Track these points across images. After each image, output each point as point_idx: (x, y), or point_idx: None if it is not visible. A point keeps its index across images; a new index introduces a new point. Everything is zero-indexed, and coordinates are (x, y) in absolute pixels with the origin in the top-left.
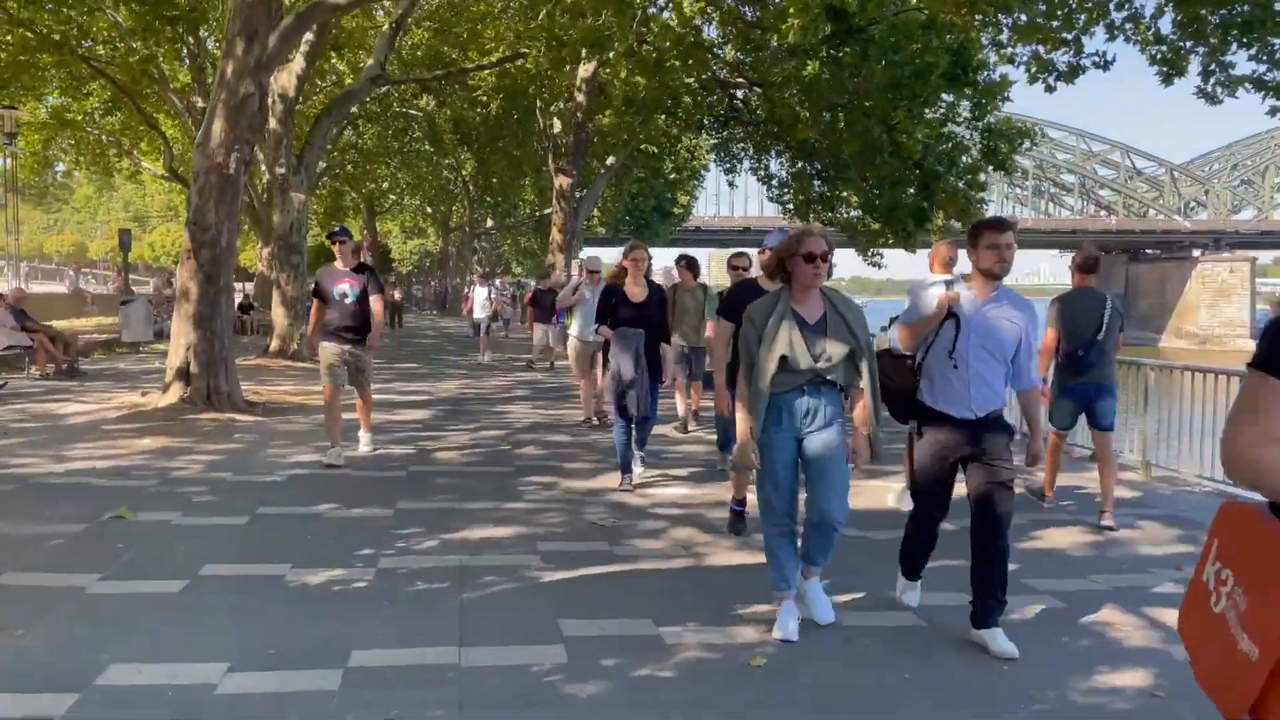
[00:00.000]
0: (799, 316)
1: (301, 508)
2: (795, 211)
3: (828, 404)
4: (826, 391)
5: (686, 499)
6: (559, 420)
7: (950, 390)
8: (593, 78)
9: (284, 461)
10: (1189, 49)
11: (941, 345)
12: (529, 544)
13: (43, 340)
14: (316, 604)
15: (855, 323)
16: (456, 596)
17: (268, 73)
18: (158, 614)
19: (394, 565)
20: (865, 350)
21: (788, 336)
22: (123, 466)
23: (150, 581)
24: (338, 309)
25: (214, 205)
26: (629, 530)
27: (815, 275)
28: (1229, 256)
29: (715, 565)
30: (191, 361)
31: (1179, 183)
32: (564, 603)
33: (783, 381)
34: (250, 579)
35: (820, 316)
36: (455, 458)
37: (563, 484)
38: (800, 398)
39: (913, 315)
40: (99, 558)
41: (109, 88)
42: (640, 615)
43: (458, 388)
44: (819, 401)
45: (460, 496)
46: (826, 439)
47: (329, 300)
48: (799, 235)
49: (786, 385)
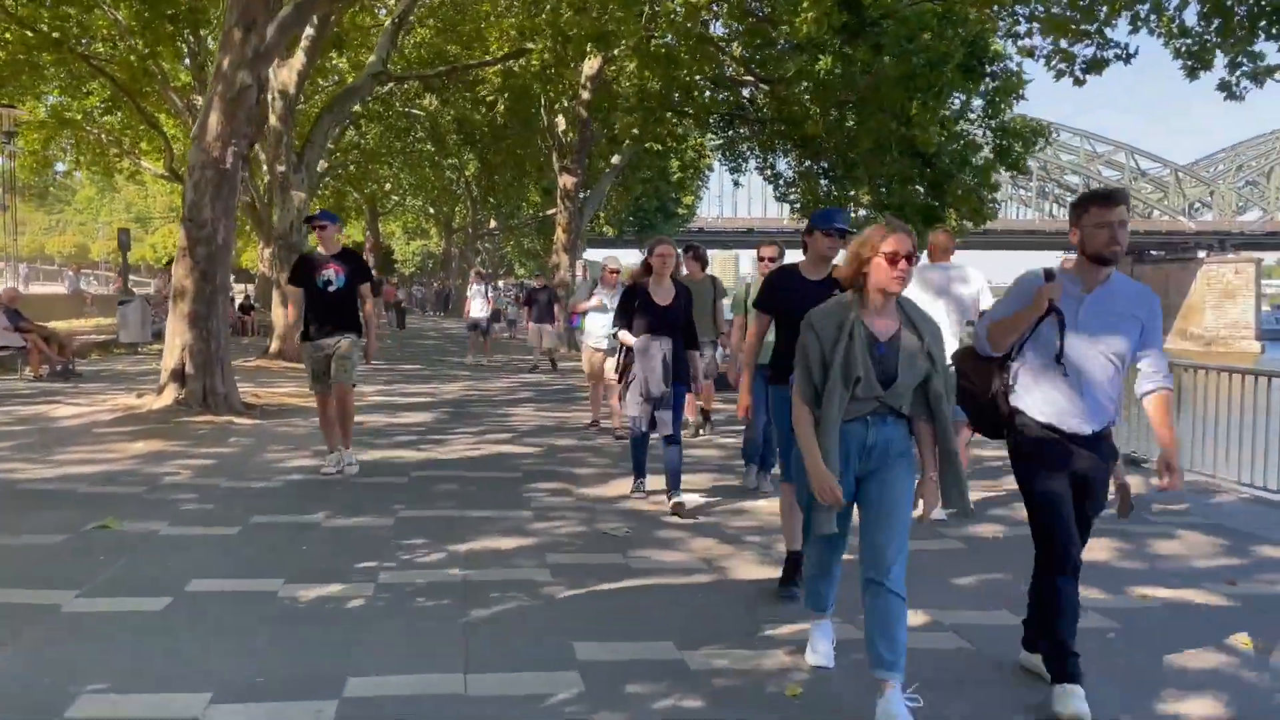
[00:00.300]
0: (869, 331)
1: (297, 516)
2: (802, 211)
3: (895, 438)
4: (894, 423)
5: (703, 507)
6: (565, 423)
7: (1056, 400)
8: (598, 75)
9: (280, 466)
10: (1215, 41)
11: (1043, 346)
12: (538, 556)
13: (36, 341)
14: (310, 624)
15: (932, 341)
16: (462, 616)
17: (266, 64)
18: (137, 636)
19: (394, 580)
20: (942, 377)
21: (861, 357)
22: (112, 472)
23: (132, 599)
24: (320, 301)
25: (210, 201)
26: (643, 540)
27: (898, 280)
28: (1234, 258)
29: (737, 579)
30: (187, 362)
31: (1184, 184)
32: (577, 623)
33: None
34: (239, 596)
35: (894, 333)
36: (459, 462)
37: (571, 490)
38: (863, 429)
39: (1008, 309)
40: (79, 572)
41: (109, 86)
42: (660, 637)
43: (461, 390)
44: (885, 435)
45: (464, 504)
46: (891, 480)
47: (310, 290)
48: (882, 231)
49: (848, 414)
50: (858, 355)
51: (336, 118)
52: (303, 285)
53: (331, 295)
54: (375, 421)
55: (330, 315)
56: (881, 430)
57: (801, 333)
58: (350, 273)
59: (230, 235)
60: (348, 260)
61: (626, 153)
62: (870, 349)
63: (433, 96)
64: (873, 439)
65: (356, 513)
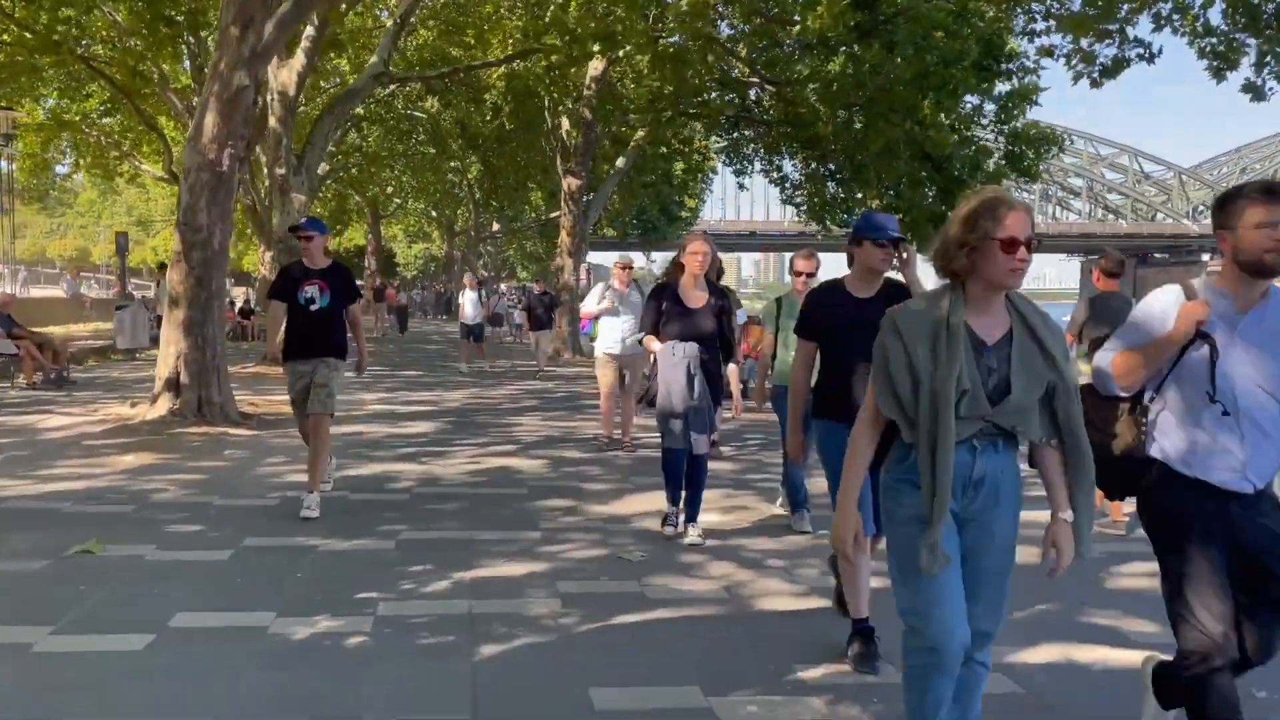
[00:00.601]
0: (975, 333)
1: (292, 538)
2: (809, 214)
3: (1007, 471)
4: (1004, 449)
5: (719, 526)
6: (572, 433)
7: (1207, 447)
8: (602, 76)
9: (276, 481)
10: (1241, 40)
11: (1189, 381)
12: (548, 584)
13: (29, 348)
14: (302, 665)
15: (1053, 344)
16: (468, 656)
17: (264, 63)
18: (114, 680)
19: (395, 613)
20: (1068, 387)
21: (966, 366)
22: (99, 489)
23: (110, 636)
24: (301, 320)
25: (206, 204)
26: (659, 565)
27: (1014, 272)
28: None
29: (763, 611)
30: (182, 371)
31: (1187, 186)
32: (593, 662)
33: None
34: (227, 632)
35: (1004, 335)
36: (463, 477)
37: (582, 508)
38: (968, 458)
39: (1137, 336)
40: (56, 604)
41: (108, 89)
42: (684, 680)
43: (464, 397)
44: (996, 466)
45: (469, 524)
46: (998, 530)
47: (292, 307)
48: (994, 205)
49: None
50: (961, 363)
51: (337, 119)
52: (284, 300)
53: (314, 315)
54: (376, 432)
55: (312, 337)
56: (991, 460)
57: (881, 333)
58: (336, 291)
59: (226, 240)
60: (334, 277)
61: (631, 155)
62: (976, 354)
63: (435, 99)
64: (980, 470)
65: (355, 535)
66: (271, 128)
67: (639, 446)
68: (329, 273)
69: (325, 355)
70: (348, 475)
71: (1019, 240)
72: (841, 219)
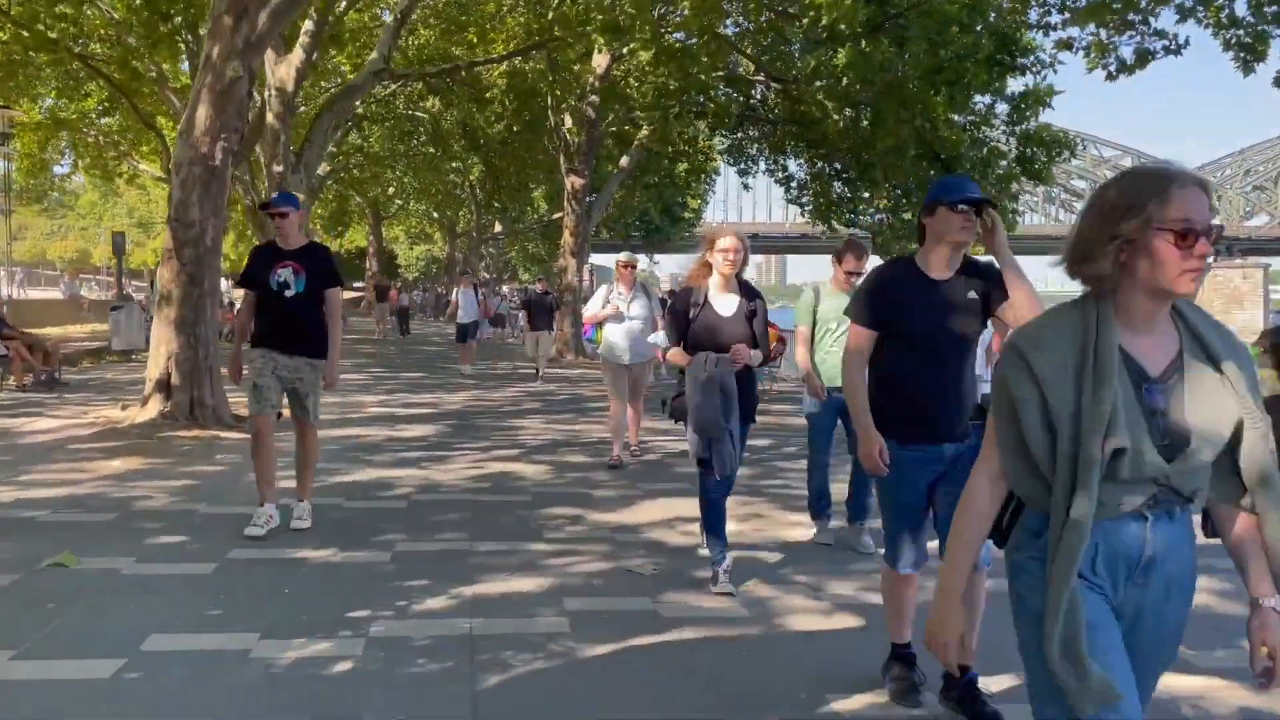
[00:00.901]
0: (1134, 362)
1: (280, 550)
2: (814, 214)
3: (1185, 548)
4: (1181, 518)
5: (735, 538)
6: (576, 437)
7: None
8: (606, 74)
9: None
10: (1270, 31)
11: None
12: (554, 601)
13: (18, 349)
14: (287, 694)
15: (1238, 368)
16: (468, 682)
17: (258, 54)
18: (72, 714)
19: (390, 633)
20: (1257, 424)
21: (1125, 409)
22: (80, 495)
23: (76, 661)
24: (272, 307)
25: (198, 200)
26: (672, 580)
27: (1191, 276)
28: (1241, 263)
29: (786, 631)
30: (173, 372)
31: None
32: (604, 691)
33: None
34: (205, 656)
35: (1172, 361)
36: (463, 484)
37: (588, 517)
38: (1138, 531)
39: None
40: (21, 624)
41: (106, 88)
42: (705, 711)
43: (465, 400)
44: (1170, 541)
45: (470, 535)
46: (1168, 620)
47: (262, 292)
48: (1157, 180)
49: (1104, 510)
50: (1119, 406)
51: (337, 116)
52: (252, 287)
53: (287, 301)
54: (374, 436)
55: (284, 327)
56: (1167, 533)
57: (1004, 364)
58: (313, 274)
59: (219, 236)
60: (311, 258)
61: (635, 154)
62: (1137, 390)
63: (436, 99)
64: (1152, 548)
65: (349, 546)
66: (270, 124)
67: (646, 451)
68: (304, 253)
69: (304, 354)
70: (342, 481)
71: (1195, 228)
72: (847, 219)
